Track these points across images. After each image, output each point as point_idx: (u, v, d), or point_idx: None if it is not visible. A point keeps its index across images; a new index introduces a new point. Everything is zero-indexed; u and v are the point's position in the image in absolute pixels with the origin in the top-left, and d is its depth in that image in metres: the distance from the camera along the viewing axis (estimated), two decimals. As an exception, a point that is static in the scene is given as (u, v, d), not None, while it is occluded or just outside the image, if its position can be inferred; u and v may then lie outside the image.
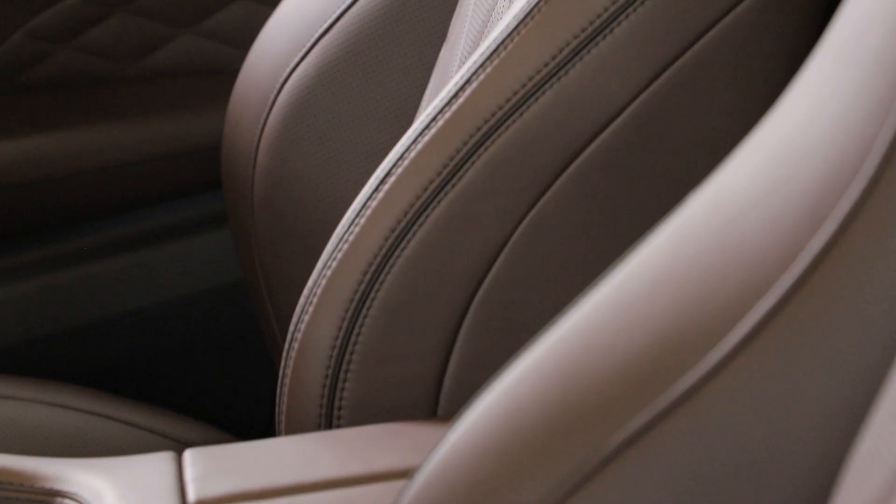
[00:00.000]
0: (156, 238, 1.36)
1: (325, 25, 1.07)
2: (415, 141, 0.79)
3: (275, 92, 1.08)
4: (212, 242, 1.36)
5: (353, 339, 0.78)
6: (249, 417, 1.32)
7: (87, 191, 1.34)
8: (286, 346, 0.81)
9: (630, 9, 0.77)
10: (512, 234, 0.78)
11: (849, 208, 0.52)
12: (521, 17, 0.78)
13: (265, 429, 1.29)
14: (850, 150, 0.53)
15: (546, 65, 0.77)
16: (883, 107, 0.52)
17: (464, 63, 0.92)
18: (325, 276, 0.79)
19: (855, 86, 0.54)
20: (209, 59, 1.38)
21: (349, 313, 0.78)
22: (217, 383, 1.36)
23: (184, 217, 1.37)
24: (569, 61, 0.77)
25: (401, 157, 0.79)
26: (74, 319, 1.32)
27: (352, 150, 1.07)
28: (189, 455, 0.75)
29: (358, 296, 0.78)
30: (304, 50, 1.08)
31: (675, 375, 0.53)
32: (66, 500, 0.76)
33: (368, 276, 0.78)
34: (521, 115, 0.77)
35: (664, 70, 0.78)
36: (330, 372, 0.78)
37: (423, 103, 1.05)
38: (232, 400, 1.36)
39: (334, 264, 0.79)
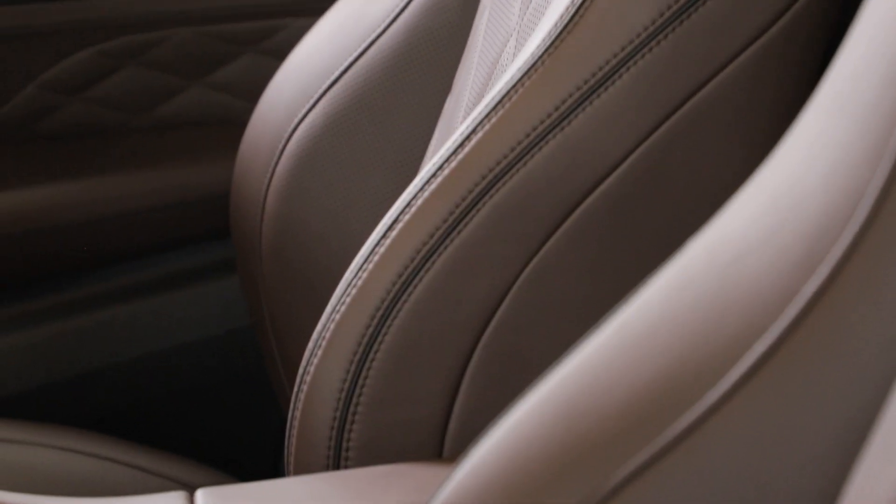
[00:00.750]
0: (165, 284, 1.36)
1: (333, 77, 1.09)
2: (421, 189, 0.80)
3: (283, 141, 1.10)
4: (220, 289, 1.37)
5: (360, 381, 0.79)
6: (257, 462, 1.33)
7: (99, 238, 1.35)
8: (295, 388, 0.82)
9: (630, 62, 0.78)
10: (516, 279, 0.79)
11: (842, 253, 0.54)
12: (525, 69, 0.79)
13: (272, 473, 1.30)
14: (844, 197, 0.54)
15: (549, 116, 0.78)
16: (874, 156, 0.54)
17: (469, 114, 0.94)
18: (333, 320, 0.80)
19: (848, 135, 0.55)
20: (218, 110, 1.40)
21: (357, 357, 0.79)
22: (225, 428, 1.37)
23: (193, 264, 1.38)
24: (571, 112, 0.78)
25: (408, 205, 0.80)
26: (85, 365, 1.33)
27: (358, 199, 1.08)
28: (201, 495, 0.76)
29: (366, 340, 0.79)
30: (313, 101, 1.09)
31: (676, 414, 0.54)
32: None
33: (376, 321, 0.79)
34: (525, 164, 0.78)
35: (664, 121, 0.79)
36: (338, 414, 0.79)
37: (429, 153, 1.06)
38: (239, 445, 1.36)
39: (343, 308, 0.80)
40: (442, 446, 0.81)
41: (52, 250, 1.34)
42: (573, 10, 0.79)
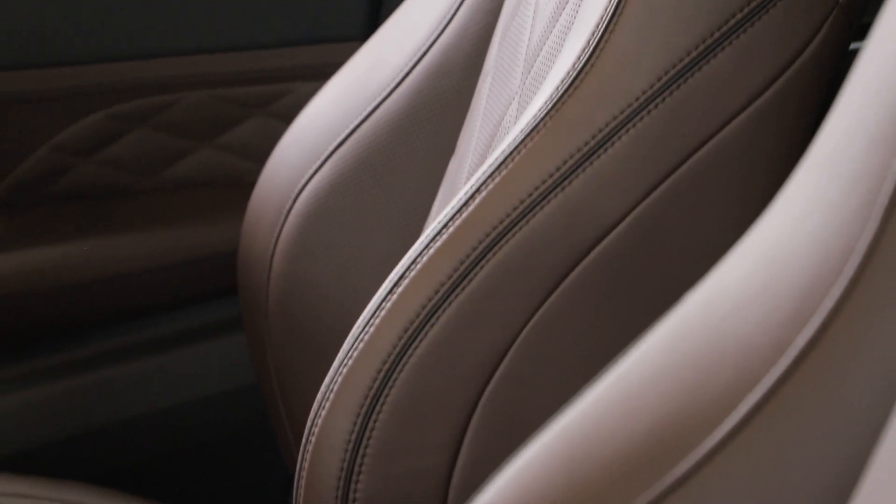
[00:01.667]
0: (172, 342, 1.37)
1: (339, 139, 1.11)
2: (427, 246, 0.81)
3: (290, 202, 1.11)
4: (227, 347, 1.38)
5: (367, 433, 0.80)
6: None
7: (108, 297, 1.36)
8: (303, 440, 0.83)
9: (629, 124, 0.79)
10: (519, 334, 0.80)
11: (832, 306, 0.55)
12: (528, 131, 0.80)
13: (277, 529, 1.31)
14: (834, 253, 0.56)
15: (551, 176, 0.79)
16: (863, 214, 0.56)
17: (472, 175, 0.95)
18: (341, 373, 0.81)
19: (838, 194, 0.57)
20: (226, 171, 1.41)
21: (364, 409, 0.80)
22: (231, 485, 1.37)
23: (199, 322, 1.38)
24: (572, 173, 0.79)
25: (413, 262, 0.81)
26: (92, 422, 1.33)
27: (363, 258, 1.09)
28: None
29: (372, 392, 0.80)
30: (319, 162, 1.11)
31: (673, 461, 0.55)
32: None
33: (382, 374, 0.80)
34: (528, 222, 0.79)
35: (662, 181, 0.80)
36: (345, 465, 0.80)
37: (432, 213, 1.07)
38: (245, 501, 1.37)
39: (350, 362, 0.81)
40: (446, 497, 0.81)
41: (61, 308, 1.35)
42: (574, 74, 0.80)
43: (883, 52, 0.58)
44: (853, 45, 0.85)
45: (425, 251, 0.81)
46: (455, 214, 0.81)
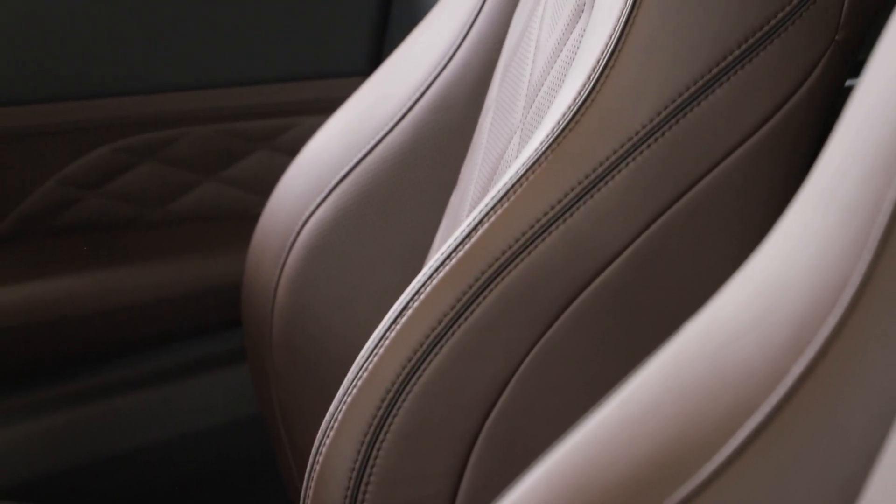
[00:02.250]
0: (176, 374, 1.38)
1: (343, 172, 1.11)
2: (430, 277, 0.81)
3: (294, 234, 1.12)
4: (230, 378, 1.38)
5: (371, 461, 0.81)
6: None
7: (113, 328, 1.36)
8: (308, 467, 0.83)
9: (629, 158, 0.80)
10: (521, 364, 0.81)
11: (828, 335, 0.56)
12: (529, 164, 0.81)
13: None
14: (829, 284, 0.57)
15: (552, 208, 0.80)
16: (857, 246, 0.57)
17: (474, 207, 0.96)
18: (346, 402, 0.81)
19: (833, 227, 0.58)
20: (231, 204, 1.42)
21: (368, 438, 0.81)
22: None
23: (204, 353, 1.39)
24: (573, 205, 0.80)
25: (417, 292, 0.82)
26: (97, 453, 1.34)
27: (366, 290, 1.10)
28: None
29: (376, 421, 0.81)
30: (323, 195, 1.12)
31: (673, 486, 0.56)
32: None
33: (386, 403, 0.80)
34: (530, 253, 0.80)
35: (662, 214, 0.81)
36: (349, 493, 0.81)
37: (434, 246, 1.08)
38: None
39: (354, 391, 0.81)
40: (449, 524, 0.82)
41: (66, 340, 1.35)
42: (575, 109, 0.81)
43: (876, 89, 0.59)
44: (848, 82, 0.86)
45: (428, 282, 0.81)
46: (458, 246, 0.81)
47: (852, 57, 0.84)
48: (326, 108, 1.28)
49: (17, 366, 1.35)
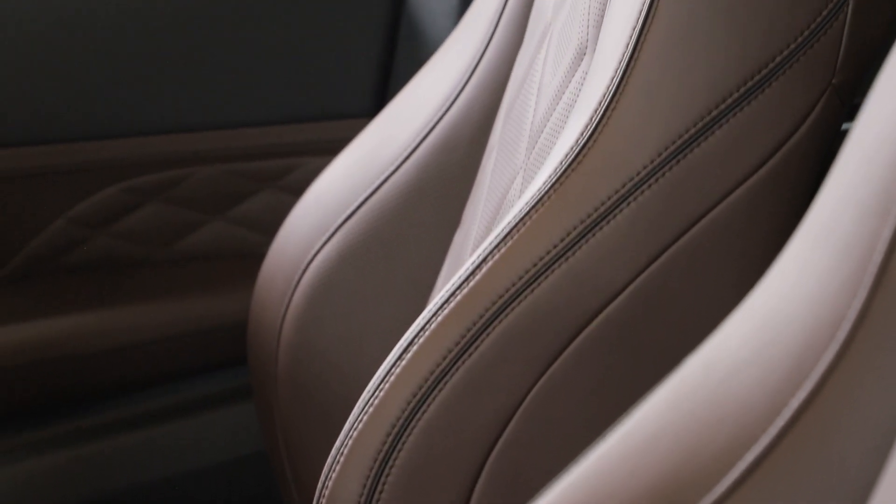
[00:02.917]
0: (182, 411, 1.38)
1: (348, 212, 1.13)
2: (435, 314, 0.82)
3: (299, 273, 1.13)
4: (235, 415, 1.39)
5: (376, 496, 0.81)
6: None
7: (119, 366, 1.37)
8: (314, 502, 0.84)
9: (630, 197, 0.81)
10: (524, 399, 0.81)
11: (825, 369, 0.57)
12: (532, 203, 0.82)
13: None
14: (826, 320, 0.58)
15: (555, 247, 0.81)
16: (854, 282, 0.58)
17: (478, 246, 0.97)
18: (351, 436, 0.82)
19: (830, 263, 0.59)
20: (237, 244, 1.43)
21: (373, 471, 0.81)
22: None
23: (209, 391, 1.39)
24: (575, 244, 0.81)
25: (422, 329, 0.82)
26: (103, 489, 1.34)
27: (371, 328, 1.11)
28: None
29: (381, 455, 0.81)
30: (328, 234, 1.13)
31: (674, 517, 0.57)
32: None
33: (391, 438, 0.81)
34: (533, 291, 0.81)
35: (663, 252, 0.82)
36: None
37: (439, 284, 1.09)
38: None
39: (360, 426, 0.82)
40: (454, 557, 0.83)
41: (73, 377, 1.36)
42: (577, 150, 0.82)
43: (871, 132, 0.60)
44: (845, 126, 0.87)
45: (433, 318, 0.82)
46: (462, 283, 0.82)
47: (849, 100, 0.85)
48: (331, 148, 1.30)
49: (23, 403, 1.35)
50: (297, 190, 1.33)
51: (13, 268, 1.36)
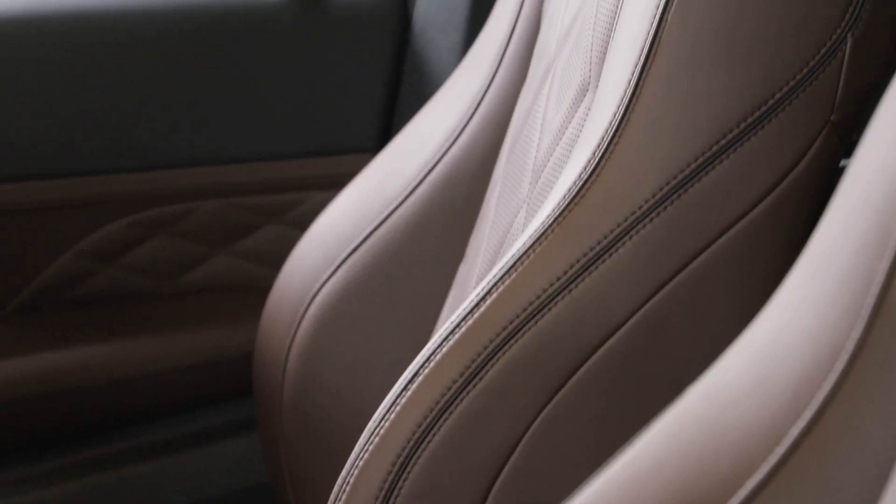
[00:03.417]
0: (187, 442, 1.38)
1: (353, 245, 1.14)
2: (440, 345, 0.83)
3: (305, 305, 1.14)
4: (240, 447, 1.39)
5: None
6: None
7: (126, 398, 1.38)
8: None
9: (633, 231, 0.82)
10: (528, 429, 0.82)
11: (823, 399, 0.59)
12: (536, 236, 0.83)
13: None
14: (825, 351, 0.60)
15: (558, 279, 0.82)
16: (851, 314, 0.59)
17: (482, 279, 0.98)
18: (357, 466, 0.83)
19: (829, 295, 0.61)
20: (242, 277, 1.43)
21: (378, 501, 0.82)
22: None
23: (214, 422, 1.40)
24: (578, 276, 0.82)
25: (427, 359, 0.83)
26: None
27: (375, 360, 1.12)
28: None
29: (387, 485, 0.82)
30: (333, 267, 1.14)
31: (676, 544, 0.58)
32: None
33: (397, 467, 0.82)
34: (537, 322, 0.82)
35: (665, 285, 0.82)
36: None
37: (443, 317, 1.10)
38: None
39: (366, 456, 0.83)
40: (459, 585, 0.83)
41: (81, 409, 1.36)
42: (580, 184, 0.83)
43: (868, 168, 0.62)
44: (843, 163, 0.88)
45: (438, 349, 0.83)
46: (467, 315, 0.83)
47: (847, 137, 0.86)
48: (336, 183, 1.31)
49: (31, 434, 1.35)
50: (303, 224, 1.33)
51: (22, 300, 1.37)
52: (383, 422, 0.83)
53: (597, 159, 0.83)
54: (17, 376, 1.33)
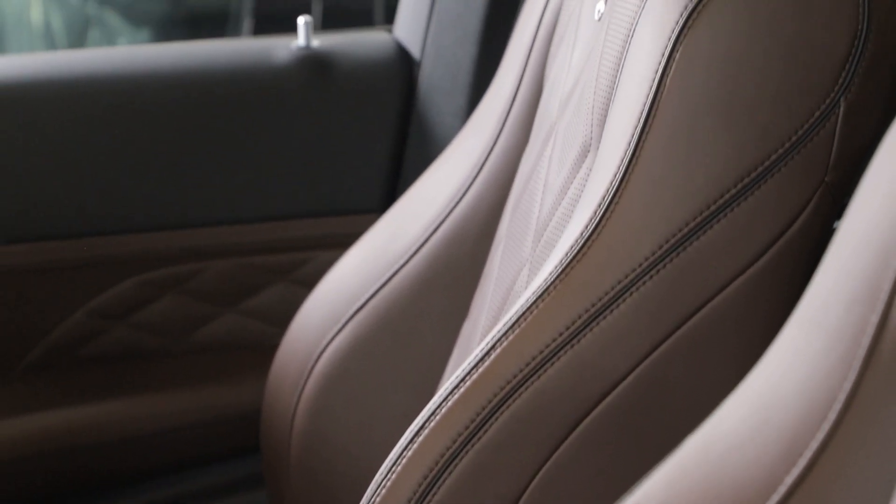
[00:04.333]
0: (196, 498, 1.39)
1: (359, 303, 1.15)
2: (445, 399, 0.84)
3: (312, 362, 1.15)
4: (248, 503, 1.40)
5: None
6: None
7: (136, 454, 1.39)
8: None
9: (633, 288, 0.84)
10: (531, 481, 0.83)
11: (817, 447, 0.60)
12: (539, 293, 0.85)
13: None
14: (818, 400, 0.61)
15: (560, 335, 0.84)
16: (843, 366, 0.61)
17: (485, 335, 0.99)
18: None
19: (822, 347, 0.63)
20: (250, 335, 1.45)
21: None
22: None
23: (222, 479, 1.40)
24: (580, 332, 0.84)
25: (433, 413, 0.85)
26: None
27: (381, 416, 1.13)
28: None
29: None
30: (340, 325, 1.15)
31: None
32: None
33: None
34: (539, 377, 0.83)
35: (664, 341, 0.84)
36: None
37: (447, 373, 1.11)
38: None
39: None
40: None
41: (91, 466, 1.37)
42: (582, 242, 0.85)
43: (859, 225, 0.64)
44: (836, 224, 0.89)
45: (444, 403, 0.84)
46: (471, 369, 0.85)
47: (841, 198, 0.87)
48: (342, 242, 1.32)
49: (40, 491, 1.36)
50: (310, 283, 1.34)
51: (33, 358, 1.38)
52: (389, 474, 0.84)
53: (598, 218, 0.85)
54: (28, 433, 1.34)
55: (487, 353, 0.85)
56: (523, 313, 0.85)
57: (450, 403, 0.84)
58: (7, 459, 1.34)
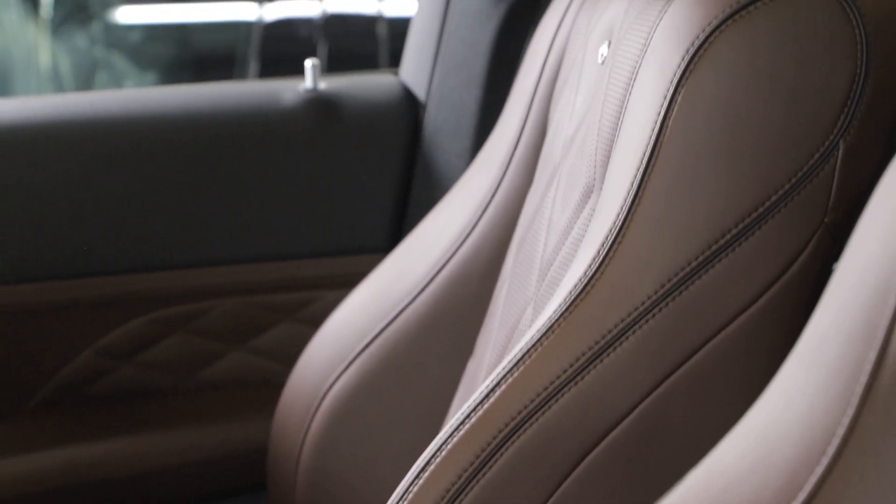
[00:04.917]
0: None
1: (365, 342, 1.16)
2: (450, 436, 0.85)
3: (318, 400, 1.16)
4: (254, 539, 1.41)
5: None
6: None
7: (144, 492, 1.39)
8: None
9: (636, 325, 0.84)
10: None
11: (816, 481, 0.61)
12: (543, 331, 0.85)
13: None
14: (818, 435, 0.62)
15: (564, 372, 0.84)
16: (842, 401, 0.62)
17: (490, 373, 1.00)
18: None
19: (821, 383, 0.63)
20: (257, 373, 1.45)
21: None
22: None
23: None
24: (584, 369, 0.84)
25: (438, 450, 0.85)
26: None
27: (387, 453, 1.13)
28: None
29: None
30: (346, 363, 1.16)
31: None
32: None
33: None
34: (544, 413, 0.84)
35: (666, 378, 0.84)
36: None
37: (452, 410, 1.12)
38: None
39: None
40: None
41: (102, 502, 1.37)
42: (586, 281, 0.86)
43: (857, 264, 0.65)
44: (834, 265, 0.89)
45: (449, 440, 0.85)
46: (476, 406, 0.85)
47: (840, 239, 0.87)
48: (348, 282, 1.33)
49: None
50: (316, 322, 1.35)
51: (42, 396, 1.38)
52: (397, 509, 0.85)
53: (601, 257, 0.86)
54: (37, 471, 1.35)
55: (492, 391, 0.85)
56: (528, 351, 0.86)
57: (455, 440, 0.85)
58: (16, 497, 1.34)
